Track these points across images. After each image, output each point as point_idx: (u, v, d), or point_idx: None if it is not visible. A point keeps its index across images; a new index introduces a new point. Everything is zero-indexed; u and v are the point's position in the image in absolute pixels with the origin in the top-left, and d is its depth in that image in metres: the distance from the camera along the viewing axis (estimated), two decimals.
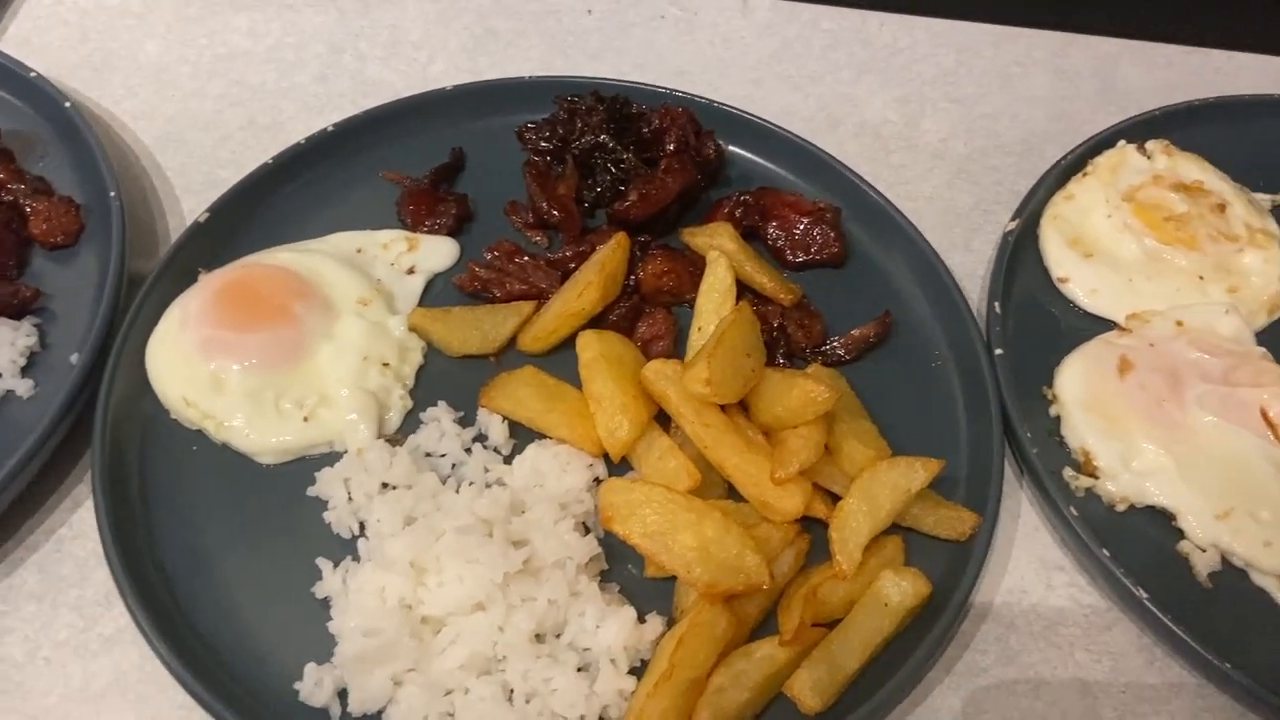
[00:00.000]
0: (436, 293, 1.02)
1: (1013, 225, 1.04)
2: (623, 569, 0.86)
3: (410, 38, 1.27)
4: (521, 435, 0.91)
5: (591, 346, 0.89)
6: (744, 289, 0.99)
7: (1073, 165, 1.10)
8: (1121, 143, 1.11)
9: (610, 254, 0.95)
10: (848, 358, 0.98)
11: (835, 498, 0.85)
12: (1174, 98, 1.18)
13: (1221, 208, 1.06)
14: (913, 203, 1.14)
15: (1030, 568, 0.90)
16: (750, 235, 1.06)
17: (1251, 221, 1.05)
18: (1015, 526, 0.92)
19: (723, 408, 0.88)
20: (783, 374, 0.88)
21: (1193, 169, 1.09)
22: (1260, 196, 1.11)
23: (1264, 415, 0.92)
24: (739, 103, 1.20)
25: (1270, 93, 1.18)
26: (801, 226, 1.04)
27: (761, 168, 1.12)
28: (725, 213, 1.04)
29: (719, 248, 0.98)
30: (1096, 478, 0.90)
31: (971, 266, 1.09)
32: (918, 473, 0.83)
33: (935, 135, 1.21)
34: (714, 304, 0.94)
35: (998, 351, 0.95)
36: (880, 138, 1.21)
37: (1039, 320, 1.01)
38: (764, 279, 0.98)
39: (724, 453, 0.84)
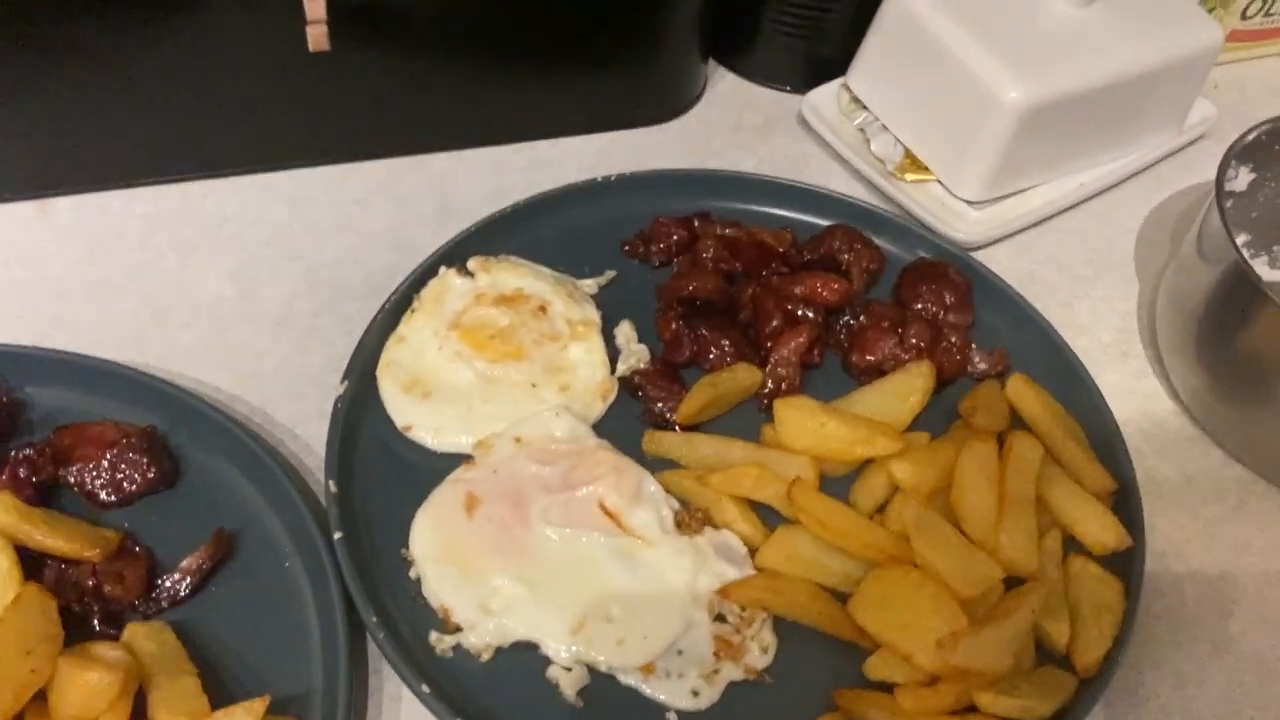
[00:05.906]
0: None
1: (343, 388, 1.01)
2: None
3: None
4: None
5: None
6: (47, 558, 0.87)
7: (399, 304, 1.09)
8: (442, 269, 1.12)
9: None
10: (187, 593, 0.89)
11: None
12: (510, 199, 1.21)
13: (543, 309, 1.10)
14: (257, 381, 1.08)
15: None
16: (55, 488, 0.94)
17: (571, 315, 1.10)
18: (399, 712, 0.88)
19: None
20: (72, 660, 0.77)
21: (511, 277, 1.12)
22: (586, 283, 1.16)
23: (603, 509, 0.96)
24: (46, 326, 1.09)
25: (574, 180, 1.25)
26: (108, 460, 0.93)
27: (74, 401, 0.99)
28: (7, 476, 0.91)
29: None
30: (461, 631, 0.89)
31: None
32: None
33: (276, 300, 1.15)
34: None
35: (337, 535, 0.91)
36: (216, 319, 1.13)
37: (394, 477, 0.98)
38: (59, 541, 0.86)
39: None
